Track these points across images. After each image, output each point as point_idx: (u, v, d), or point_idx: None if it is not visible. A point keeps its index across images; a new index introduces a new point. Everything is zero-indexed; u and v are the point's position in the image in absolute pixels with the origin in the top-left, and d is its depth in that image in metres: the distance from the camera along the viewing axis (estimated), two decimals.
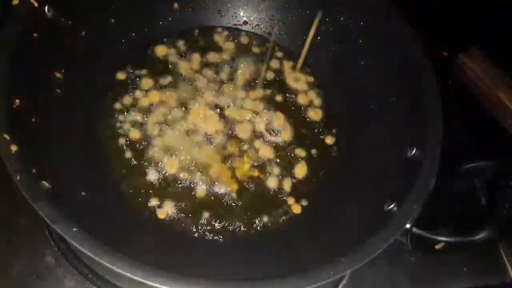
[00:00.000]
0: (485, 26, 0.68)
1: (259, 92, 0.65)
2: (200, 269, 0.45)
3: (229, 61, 0.67)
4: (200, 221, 0.56)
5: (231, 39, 0.69)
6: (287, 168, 0.61)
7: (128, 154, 0.58)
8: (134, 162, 0.58)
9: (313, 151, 0.63)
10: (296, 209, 0.59)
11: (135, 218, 0.54)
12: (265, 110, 0.64)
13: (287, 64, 0.69)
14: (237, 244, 0.55)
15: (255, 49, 0.69)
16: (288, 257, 0.50)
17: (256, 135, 0.62)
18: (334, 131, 0.65)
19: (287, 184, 0.60)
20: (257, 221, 0.57)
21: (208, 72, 0.66)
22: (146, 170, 0.58)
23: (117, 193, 0.55)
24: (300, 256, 0.49)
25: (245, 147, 0.61)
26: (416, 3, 0.64)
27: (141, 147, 0.59)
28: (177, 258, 0.48)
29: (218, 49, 0.68)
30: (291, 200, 0.59)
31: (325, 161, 0.62)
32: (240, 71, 0.66)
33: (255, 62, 0.68)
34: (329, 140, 0.64)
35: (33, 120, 0.48)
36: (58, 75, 0.54)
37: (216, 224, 0.56)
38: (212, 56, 0.67)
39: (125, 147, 0.59)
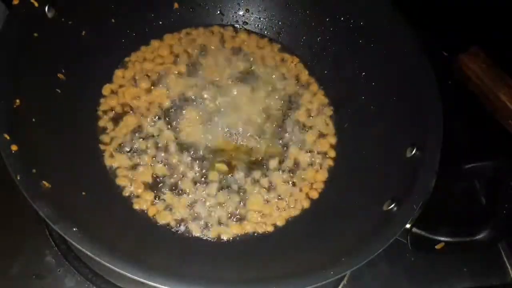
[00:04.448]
0: (485, 26, 0.68)
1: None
2: (200, 270, 0.45)
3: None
4: (200, 222, 0.56)
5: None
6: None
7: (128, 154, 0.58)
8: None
9: (314, 152, 0.63)
10: (296, 211, 0.58)
11: (135, 218, 0.54)
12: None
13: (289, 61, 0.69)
14: (237, 245, 0.55)
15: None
16: (288, 257, 0.50)
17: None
18: (333, 131, 0.64)
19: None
20: (267, 219, 0.57)
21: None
22: (146, 170, 0.58)
23: (117, 193, 0.55)
24: (300, 257, 0.49)
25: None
26: (416, 3, 0.64)
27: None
28: (177, 258, 0.49)
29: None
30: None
31: (326, 155, 0.62)
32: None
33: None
34: (330, 140, 0.64)
35: (33, 120, 0.48)
36: (58, 75, 0.54)
37: (216, 226, 0.56)
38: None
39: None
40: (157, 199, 0.56)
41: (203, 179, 0.58)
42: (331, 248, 0.48)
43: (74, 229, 0.40)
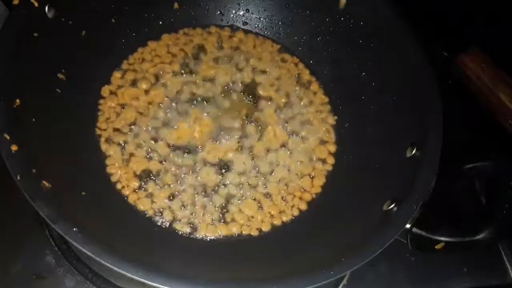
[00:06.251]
0: (485, 26, 0.68)
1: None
2: (200, 270, 0.45)
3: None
4: (201, 222, 0.56)
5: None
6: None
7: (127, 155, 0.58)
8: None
9: (313, 159, 0.62)
10: (296, 210, 0.58)
11: (135, 218, 0.54)
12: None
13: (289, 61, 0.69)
14: (237, 246, 0.55)
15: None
16: (289, 258, 0.50)
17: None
18: (334, 131, 0.64)
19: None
20: (257, 223, 0.57)
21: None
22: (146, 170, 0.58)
23: (117, 193, 0.55)
24: (299, 257, 0.49)
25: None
26: (416, 3, 0.64)
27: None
28: (177, 258, 0.49)
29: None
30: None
31: (325, 161, 0.62)
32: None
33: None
34: (329, 148, 0.63)
35: (33, 120, 0.48)
36: (58, 75, 0.54)
37: (217, 226, 0.56)
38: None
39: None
40: (152, 198, 0.56)
41: (197, 178, 0.58)
42: (331, 248, 0.48)
43: (74, 229, 0.40)
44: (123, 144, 0.58)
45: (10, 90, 0.46)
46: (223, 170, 0.59)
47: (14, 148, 0.42)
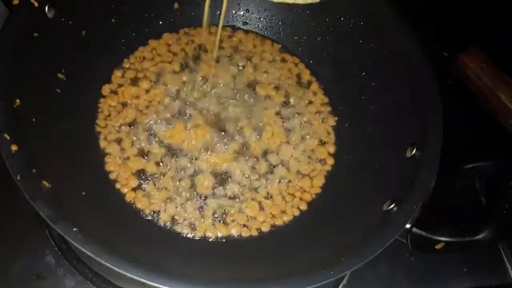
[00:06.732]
0: (485, 26, 0.68)
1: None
2: (200, 270, 0.45)
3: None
4: (201, 223, 0.56)
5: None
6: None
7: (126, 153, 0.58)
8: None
9: (312, 159, 0.62)
10: (296, 211, 0.58)
11: (135, 218, 0.54)
12: None
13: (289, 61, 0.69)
14: (237, 246, 0.55)
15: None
16: (289, 258, 0.50)
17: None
18: (334, 131, 0.64)
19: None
20: (258, 224, 0.57)
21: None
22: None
23: (117, 193, 0.55)
24: (300, 257, 0.49)
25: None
26: (416, 3, 0.64)
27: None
28: (177, 258, 0.49)
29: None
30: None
31: (325, 162, 0.62)
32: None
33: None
34: (329, 149, 0.63)
35: (33, 120, 0.48)
36: (58, 75, 0.54)
37: (217, 227, 0.56)
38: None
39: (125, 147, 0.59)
40: (150, 199, 0.56)
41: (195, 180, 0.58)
42: (331, 248, 0.48)
43: (74, 229, 0.40)
44: (122, 142, 0.58)
45: (10, 90, 0.46)
46: (223, 171, 0.59)
47: (14, 148, 0.42)
